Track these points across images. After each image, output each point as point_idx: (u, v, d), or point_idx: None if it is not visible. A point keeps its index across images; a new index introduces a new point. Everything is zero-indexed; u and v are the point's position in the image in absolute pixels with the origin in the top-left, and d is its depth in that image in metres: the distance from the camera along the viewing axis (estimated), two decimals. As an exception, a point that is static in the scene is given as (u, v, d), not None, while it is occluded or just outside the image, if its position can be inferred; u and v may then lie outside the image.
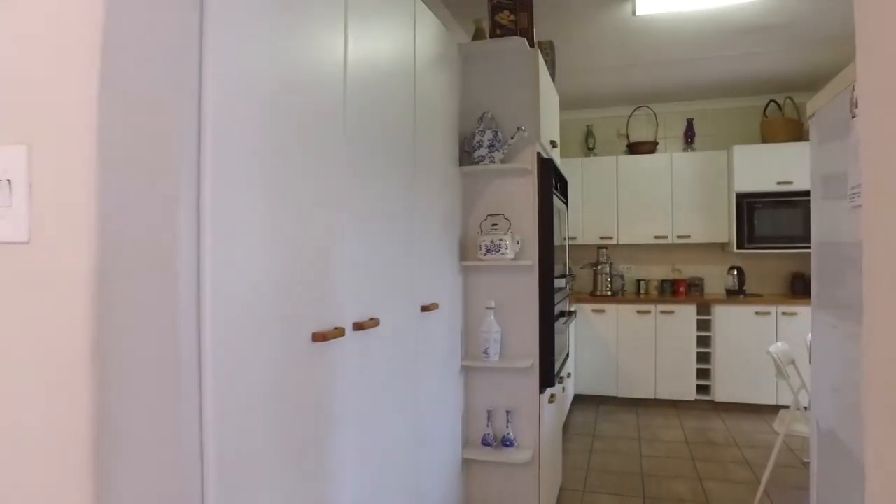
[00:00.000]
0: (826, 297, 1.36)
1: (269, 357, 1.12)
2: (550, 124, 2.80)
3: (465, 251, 2.48)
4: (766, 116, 4.63)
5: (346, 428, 1.44)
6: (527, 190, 2.41)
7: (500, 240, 2.30)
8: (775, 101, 4.63)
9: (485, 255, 2.33)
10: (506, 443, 2.40)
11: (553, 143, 2.80)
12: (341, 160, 1.42)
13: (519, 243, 2.36)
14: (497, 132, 2.36)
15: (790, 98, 4.59)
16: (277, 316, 1.15)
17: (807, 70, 4.10)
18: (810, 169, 1.51)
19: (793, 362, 2.94)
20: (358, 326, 1.49)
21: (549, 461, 2.59)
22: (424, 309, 1.94)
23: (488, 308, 2.37)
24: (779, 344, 2.98)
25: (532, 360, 2.38)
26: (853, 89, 1.10)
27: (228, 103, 1.02)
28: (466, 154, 2.44)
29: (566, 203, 3.21)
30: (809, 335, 3.24)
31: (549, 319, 2.40)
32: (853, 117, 1.11)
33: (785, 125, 4.43)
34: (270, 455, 1.12)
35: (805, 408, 2.81)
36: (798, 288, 4.58)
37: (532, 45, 2.45)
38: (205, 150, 0.98)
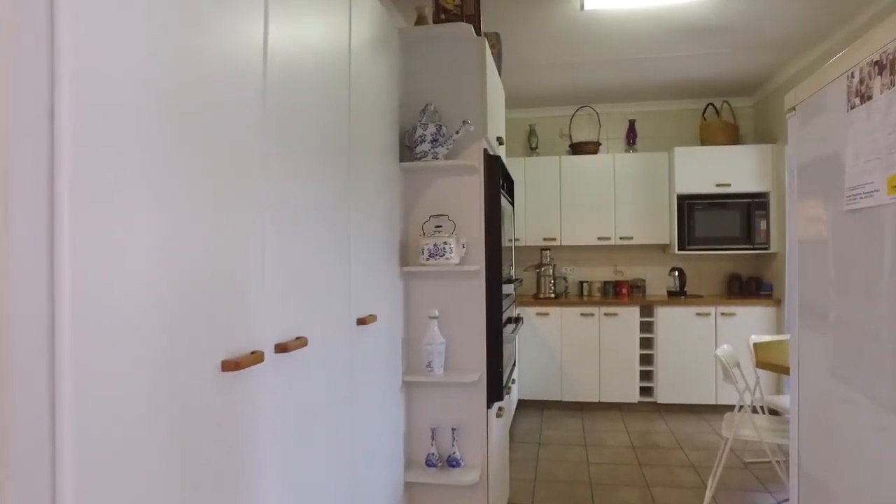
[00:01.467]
0: (817, 313, 1.22)
1: (162, 400, 0.88)
2: (497, 120, 2.64)
3: (406, 256, 2.28)
4: (705, 119, 4.69)
5: (270, 465, 1.20)
6: (473, 189, 2.23)
7: (445, 243, 2.11)
8: (713, 105, 4.69)
9: (427, 259, 2.13)
10: (451, 463, 2.22)
11: (499, 140, 2.64)
12: (260, 156, 1.18)
13: (464, 247, 2.18)
14: (441, 126, 2.17)
15: (727, 102, 4.67)
16: (173, 346, 0.91)
17: (744, 74, 4.17)
18: (787, 163, 1.37)
19: (737, 365, 2.91)
20: (281, 348, 1.25)
21: (496, 479, 2.43)
22: (361, 322, 1.72)
23: (431, 318, 2.17)
24: (725, 347, 2.95)
25: (479, 373, 2.21)
26: (851, 78, 0.98)
27: (97, 89, 0.77)
28: (407, 150, 2.23)
29: (512, 203, 3.07)
30: (753, 336, 3.24)
31: (496, 328, 2.24)
32: (851, 109, 0.99)
33: (723, 128, 4.49)
34: (158, 523, 0.88)
35: (757, 408, 2.78)
36: (734, 288, 4.66)
37: (479, 33, 2.27)
38: (60, 144, 0.73)
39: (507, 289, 2.50)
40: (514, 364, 3.12)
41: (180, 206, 0.93)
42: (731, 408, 4.46)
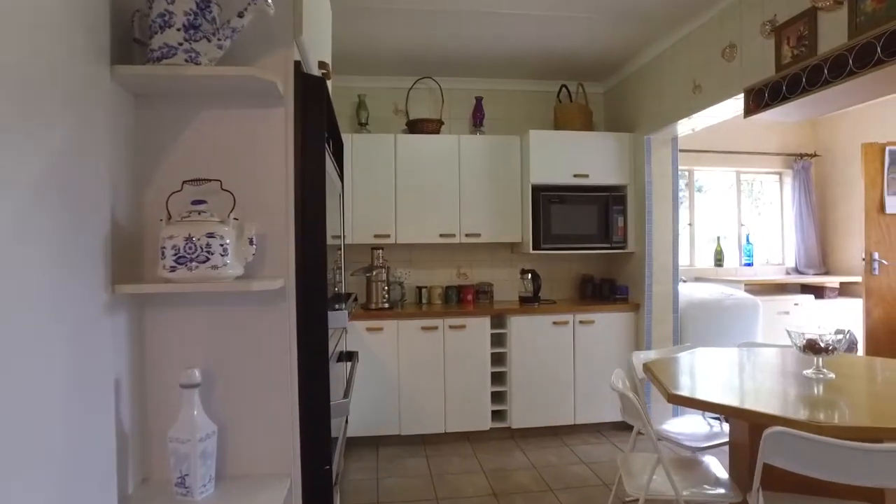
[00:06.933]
0: None
1: None
2: (320, 33, 1.61)
3: (135, 262, 1.15)
4: (560, 101, 4.17)
5: None
6: (272, 133, 1.18)
7: (210, 236, 1.04)
8: (566, 87, 4.19)
9: (173, 269, 1.03)
10: None
11: (323, 69, 1.61)
12: None
13: (254, 243, 1.12)
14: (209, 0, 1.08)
15: (581, 86, 4.20)
16: None
17: (602, 53, 3.69)
18: None
19: (635, 390, 2.26)
20: None
21: None
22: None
23: (187, 386, 1.08)
24: (619, 372, 2.29)
25: (286, 480, 1.17)
26: None
27: None
28: (139, 46, 1.11)
29: (342, 178, 2.06)
30: (640, 354, 2.67)
31: (319, 391, 1.22)
32: None
33: (579, 112, 4.01)
34: None
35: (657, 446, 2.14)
36: (587, 292, 4.21)
37: None
38: None
39: (339, 319, 1.46)
40: (345, 433, 2.11)
41: None
42: (590, 427, 3.99)
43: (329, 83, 1.84)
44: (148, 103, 1.16)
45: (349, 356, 1.95)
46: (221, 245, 1.04)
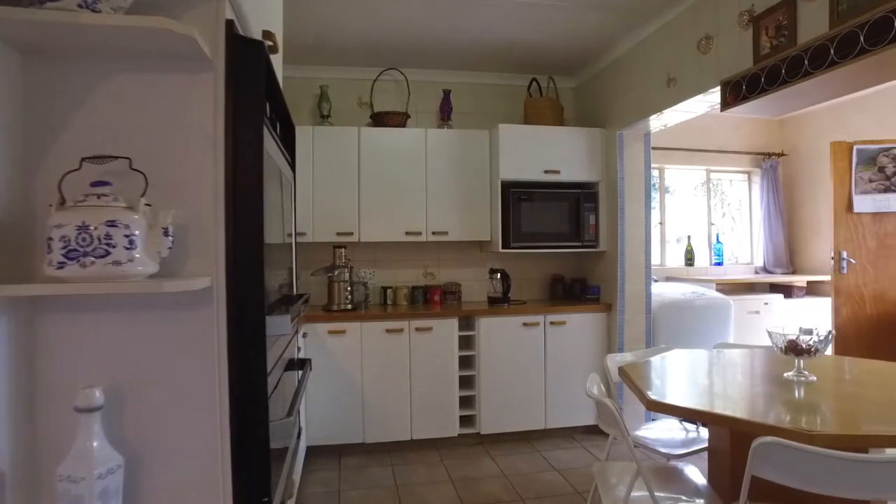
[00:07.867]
0: None
1: None
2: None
3: (18, 257, 0.94)
4: (531, 95, 4.03)
5: None
6: (199, 104, 0.99)
7: (112, 224, 0.84)
8: (537, 81, 4.06)
9: (62, 265, 0.83)
10: None
11: (270, 42, 1.41)
12: None
13: (170, 234, 0.92)
14: (108, -64, 0.88)
15: (552, 80, 4.07)
16: None
17: (575, 44, 3.57)
18: None
19: (611, 398, 2.13)
20: None
21: None
22: None
23: (84, 410, 0.87)
24: (595, 376, 2.15)
25: (215, 520, 0.98)
26: None
27: None
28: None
29: (293, 166, 1.85)
30: (615, 356, 2.55)
31: (257, 413, 1.03)
32: None
33: (551, 106, 3.88)
34: None
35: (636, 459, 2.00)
36: (558, 292, 4.09)
37: None
38: None
39: (281, 325, 1.27)
40: (297, 446, 1.91)
41: None
42: (562, 432, 3.86)
43: (279, 61, 1.65)
44: (40, 63, 0.95)
45: (301, 364, 1.75)
46: (127, 236, 0.84)
